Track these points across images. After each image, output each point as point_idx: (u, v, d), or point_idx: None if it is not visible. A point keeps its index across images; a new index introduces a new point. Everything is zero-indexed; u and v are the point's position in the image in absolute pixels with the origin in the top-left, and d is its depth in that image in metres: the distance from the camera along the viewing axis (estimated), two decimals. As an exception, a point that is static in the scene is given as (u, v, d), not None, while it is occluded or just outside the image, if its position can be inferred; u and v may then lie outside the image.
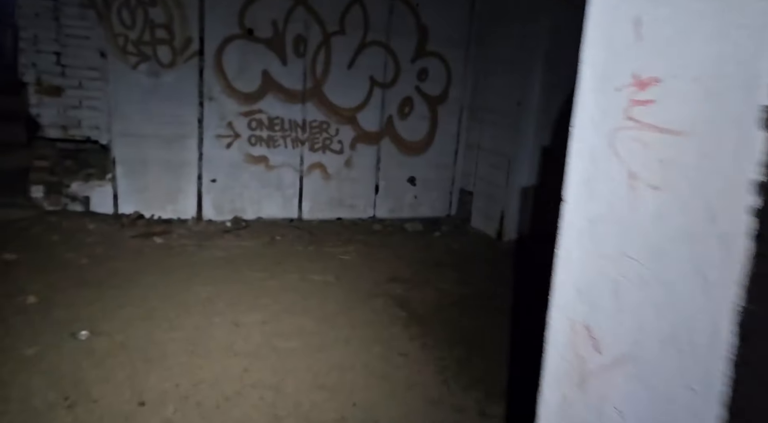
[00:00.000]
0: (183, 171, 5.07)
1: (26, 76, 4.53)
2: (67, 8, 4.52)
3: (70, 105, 4.67)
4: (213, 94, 5.02)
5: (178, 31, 4.83)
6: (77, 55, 4.61)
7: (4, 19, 7.92)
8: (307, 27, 5.15)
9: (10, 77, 5.97)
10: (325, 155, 5.48)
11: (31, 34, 4.47)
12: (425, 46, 5.53)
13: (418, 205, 5.89)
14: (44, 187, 4.70)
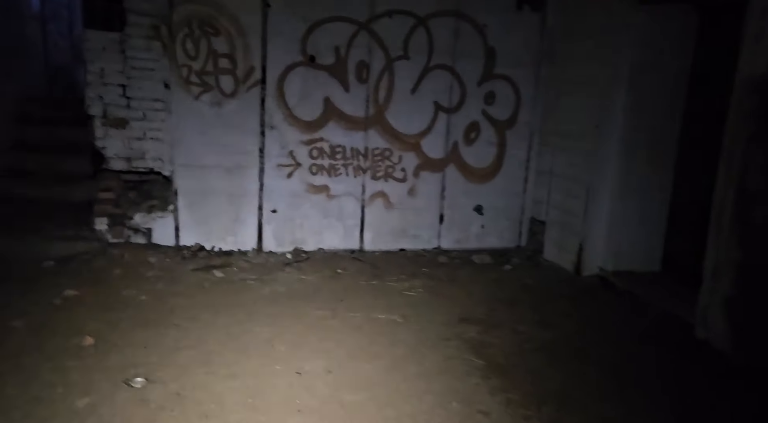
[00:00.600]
0: (243, 201, 4.95)
1: (93, 109, 4.55)
2: (133, 41, 4.53)
3: (134, 137, 4.66)
4: (274, 122, 4.90)
5: (241, 60, 4.76)
6: (142, 86, 4.61)
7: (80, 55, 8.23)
8: (370, 52, 4.98)
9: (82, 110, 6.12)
10: (388, 184, 5.24)
11: (98, 68, 4.50)
12: (492, 68, 5.24)
13: (486, 236, 5.54)
14: (108, 219, 4.68)
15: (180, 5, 4.56)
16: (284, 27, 4.77)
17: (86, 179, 5.32)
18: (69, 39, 7.91)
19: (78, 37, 8.17)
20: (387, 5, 4.92)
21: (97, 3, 4.44)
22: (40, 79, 6.84)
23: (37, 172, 5.51)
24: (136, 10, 4.48)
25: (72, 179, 5.45)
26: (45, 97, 6.61)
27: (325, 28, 4.85)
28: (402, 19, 4.97)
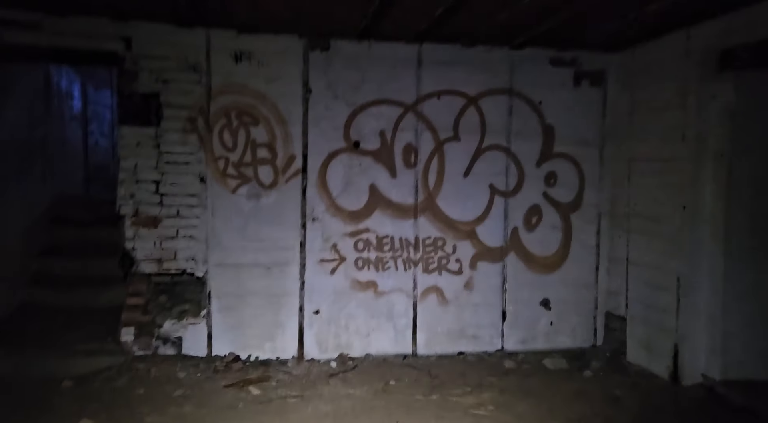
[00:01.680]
0: (283, 302, 4.45)
1: (124, 208, 4.24)
2: (169, 134, 4.29)
3: (166, 236, 4.30)
4: (316, 214, 4.50)
5: (281, 149, 4.45)
6: (176, 182, 4.31)
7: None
8: (417, 135, 4.62)
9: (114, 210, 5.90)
10: (442, 277, 4.69)
11: (132, 164, 4.24)
12: (552, 146, 4.79)
13: (555, 334, 4.84)
14: (135, 328, 4.21)
15: (218, 96, 4.34)
16: (326, 112, 4.49)
17: (115, 282, 4.96)
18: (110, 139, 7.94)
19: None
20: (435, 86, 4.61)
21: (134, 98, 4.25)
22: (78, 178, 6.74)
23: (64, 277, 5.18)
24: (173, 104, 4.27)
25: (101, 283, 5.09)
26: (80, 197, 6.45)
27: (369, 111, 4.54)
28: (451, 99, 4.64)
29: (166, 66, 4.25)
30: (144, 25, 4.17)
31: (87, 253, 5.41)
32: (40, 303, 4.93)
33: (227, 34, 4.30)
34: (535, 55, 4.72)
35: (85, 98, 6.93)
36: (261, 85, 4.40)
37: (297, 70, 4.45)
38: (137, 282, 4.31)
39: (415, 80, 4.60)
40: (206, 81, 4.32)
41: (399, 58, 4.57)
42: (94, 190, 7.25)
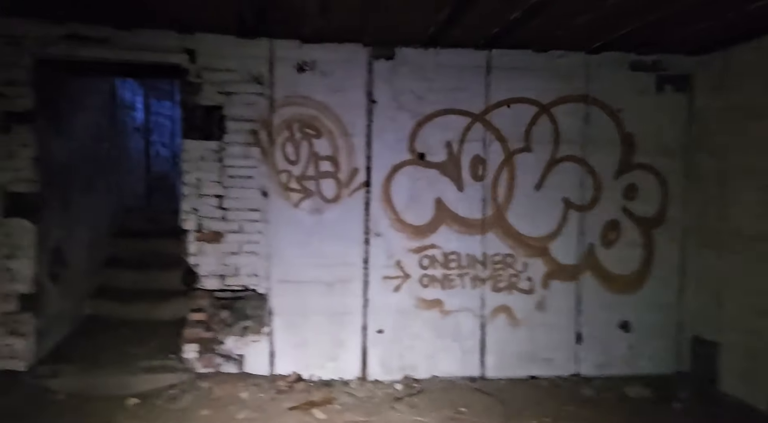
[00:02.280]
0: (345, 321, 4.30)
1: (187, 223, 4.18)
2: (232, 148, 4.21)
3: (229, 251, 4.22)
4: (380, 229, 4.32)
5: (344, 162, 4.30)
6: (239, 196, 4.22)
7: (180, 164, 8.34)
8: (486, 146, 4.38)
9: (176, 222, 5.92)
10: (512, 296, 4.42)
11: (195, 179, 4.19)
12: (632, 157, 4.46)
13: (636, 359, 4.48)
14: (198, 345, 4.15)
15: (281, 108, 4.23)
16: (391, 124, 4.31)
17: (177, 295, 4.94)
18: (171, 148, 8.05)
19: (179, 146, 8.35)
20: (505, 94, 4.36)
21: (197, 112, 4.20)
22: (140, 189, 6.83)
23: (128, 289, 5.22)
24: (236, 117, 4.19)
25: (162, 296, 5.10)
26: (142, 209, 6.53)
27: (435, 122, 4.34)
28: (522, 108, 4.38)
29: (229, 78, 4.18)
30: (208, 38, 4.11)
31: (149, 266, 5.44)
32: (105, 315, 4.97)
33: (291, 44, 4.20)
34: (614, 59, 4.40)
35: (148, 109, 7.03)
36: (324, 96, 4.27)
37: (361, 79, 4.30)
38: (199, 297, 4.25)
39: (483, 88, 4.37)
40: (269, 93, 4.22)
41: (466, 65, 4.35)
42: (155, 200, 7.35)
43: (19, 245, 3.96)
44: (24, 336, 3.95)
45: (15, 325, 3.94)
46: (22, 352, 3.94)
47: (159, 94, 7.56)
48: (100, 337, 4.59)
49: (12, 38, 3.89)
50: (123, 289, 5.23)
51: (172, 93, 8.05)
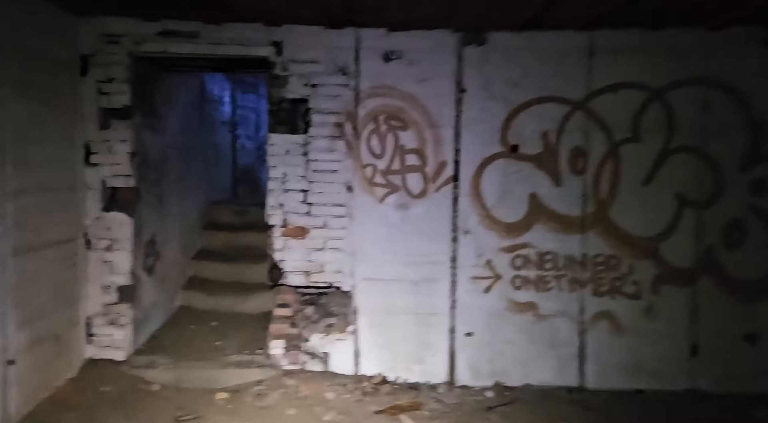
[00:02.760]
0: (432, 322, 4.10)
1: (273, 218, 4.15)
2: (317, 142, 4.12)
3: (314, 247, 4.14)
4: (469, 226, 4.08)
5: (431, 155, 4.09)
6: (323, 191, 4.13)
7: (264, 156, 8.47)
8: (587, 136, 4.00)
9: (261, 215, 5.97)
10: (615, 301, 4.04)
11: (281, 173, 4.14)
12: (760, 148, 3.91)
13: (763, 376, 3.96)
14: (284, 341, 4.12)
15: (366, 99, 4.08)
16: (481, 114, 4.04)
17: (262, 289, 4.97)
18: (255, 141, 8.18)
19: (264, 138, 8.48)
20: (610, 78, 3.96)
21: (283, 105, 4.14)
22: (227, 182, 6.97)
23: (215, 281, 5.31)
24: (322, 109, 4.09)
25: (249, 289, 5.14)
26: (229, 201, 6.65)
27: (530, 111, 4.02)
28: (630, 93, 3.95)
29: (314, 70, 4.08)
30: (294, 29, 4.03)
31: (236, 259, 5.51)
32: (195, 307, 5.09)
33: (377, 33, 4.03)
34: (740, 35, 3.86)
35: (234, 103, 7.15)
36: (411, 86, 4.07)
37: (449, 68, 4.06)
38: (284, 293, 4.21)
39: (585, 73, 3.99)
40: (354, 84, 4.08)
41: (566, 48, 3.98)
42: (241, 192, 7.50)
43: (117, 238, 4.09)
44: (122, 326, 4.09)
45: (114, 316, 4.08)
46: (121, 341, 4.08)
47: (245, 88, 7.68)
48: (191, 328, 4.69)
49: (112, 37, 3.99)
50: (211, 281, 5.34)
51: (257, 86, 8.16)
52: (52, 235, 3.61)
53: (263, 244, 5.54)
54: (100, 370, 3.94)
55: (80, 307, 3.97)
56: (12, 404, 3.21)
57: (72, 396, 3.64)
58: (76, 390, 3.70)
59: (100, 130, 4.05)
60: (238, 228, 5.88)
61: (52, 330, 3.62)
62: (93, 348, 4.08)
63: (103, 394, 3.71)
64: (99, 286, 4.08)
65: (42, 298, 3.49)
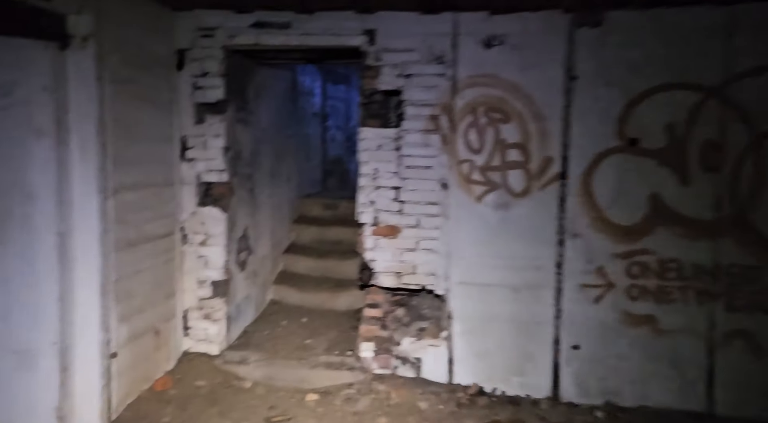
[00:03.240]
0: (534, 332, 3.77)
1: (364, 216, 3.98)
2: (410, 136, 3.88)
3: (405, 247, 3.93)
4: (577, 228, 3.69)
5: (535, 150, 3.73)
6: (416, 188, 3.89)
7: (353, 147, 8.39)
8: (722, 127, 3.46)
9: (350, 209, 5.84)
10: (754, 318, 3.49)
11: (372, 169, 3.95)
12: None
13: None
14: (374, 344, 3.96)
15: (464, 89, 3.78)
16: (595, 104, 3.61)
17: (352, 286, 4.87)
18: (345, 131, 8.10)
19: (354, 128, 8.39)
20: (755, 60, 3.39)
21: (375, 97, 3.94)
22: (317, 175, 6.93)
23: (305, 276, 5.27)
24: (416, 101, 3.85)
25: (339, 286, 5.05)
26: (319, 194, 6.59)
27: (653, 99, 3.53)
28: (780, 76, 3.37)
29: (409, 59, 3.83)
30: (388, 16, 3.80)
31: (326, 254, 5.44)
32: (285, 302, 5.07)
33: (477, 16, 3.70)
34: None
35: (324, 94, 7.08)
36: (514, 74, 3.72)
37: (558, 53, 3.65)
38: (374, 292, 4.05)
39: (722, 54, 3.44)
40: (451, 73, 3.79)
41: (700, 26, 3.45)
42: (330, 184, 7.44)
43: (212, 233, 4.11)
44: (216, 321, 4.11)
45: (209, 311, 4.11)
46: (215, 336, 4.11)
47: (335, 79, 7.59)
48: (282, 324, 4.67)
49: (207, 30, 3.97)
50: (301, 276, 5.30)
51: (347, 77, 8.06)
52: (151, 230, 3.66)
53: (352, 239, 5.44)
54: (195, 363, 3.99)
55: (177, 300, 4.03)
56: (114, 396, 3.29)
57: (169, 389, 3.70)
58: (173, 383, 3.76)
59: (194, 125, 4.06)
60: (328, 222, 5.80)
61: (151, 323, 3.68)
62: (189, 341, 4.14)
63: (198, 388, 3.74)
64: (194, 280, 4.12)
65: (142, 293, 3.55)
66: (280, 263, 5.41)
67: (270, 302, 5.10)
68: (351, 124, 8.35)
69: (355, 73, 8.36)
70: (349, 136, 8.28)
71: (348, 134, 8.25)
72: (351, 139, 8.35)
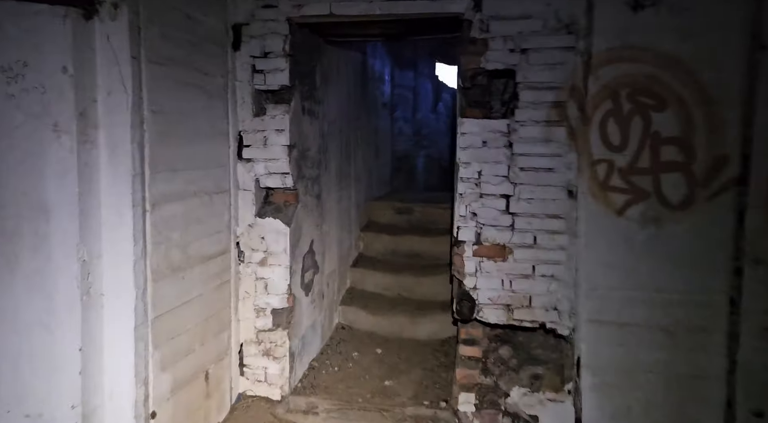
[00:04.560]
0: (696, 390, 2.82)
1: (462, 232, 3.12)
2: (526, 129, 3.00)
3: (518, 273, 3.05)
4: (762, 252, 2.70)
5: (701, 146, 2.76)
6: (534, 196, 3.01)
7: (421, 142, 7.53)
8: None
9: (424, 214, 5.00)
10: None
11: (474, 172, 3.08)
12: None
13: None
14: (475, 394, 3.11)
15: (601, 67, 2.85)
16: (795, 83, 2.62)
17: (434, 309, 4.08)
18: (412, 124, 7.25)
19: (421, 121, 7.53)
20: None
21: (479, 80, 3.07)
22: (386, 172, 6.11)
23: (377, 296, 4.47)
24: (534, 84, 2.96)
25: (418, 308, 4.24)
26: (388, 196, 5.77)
27: None
28: None
29: (526, 28, 2.94)
30: (500, -27, 2.92)
31: (400, 269, 4.62)
32: (355, 327, 4.30)
33: (625, -33, 2.77)
34: None
35: (393, 82, 6.24)
36: (673, 44, 2.76)
37: (737, 13, 2.67)
38: (470, 325, 3.20)
39: None
40: (584, 46, 2.87)
41: None
42: (398, 183, 6.62)
43: (273, 250, 3.35)
44: (278, 359, 3.36)
45: (269, 346, 3.37)
46: (277, 376, 3.36)
47: (402, 64, 6.74)
48: (353, 356, 3.88)
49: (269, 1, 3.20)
50: (372, 295, 4.51)
51: (414, 62, 7.20)
52: (200, 250, 2.93)
53: (431, 250, 4.62)
54: (253, 411, 3.26)
55: (232, 334, 3.29)
56: (154, 464, 2.58)
57: (222, 447, 2.98)
58: (226, 439, 3.04)
59: (253, 118, 3.31)
60: (402, 230, 4.98)
61: (201, 365, 2.96)
62: (245, 382, 3.41)
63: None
64: (252, 308, 3.38)
65: (189, 329, 2.83)
66: (348, 279, 4.63)
67: (337, 327, 4.32)
68: (418, 116, 7.50)
69: (423, 58, 7.49)
70: (417, 129, 7.43)
71: (416, 127, 7.41)
72: (419, 133, 7.50)
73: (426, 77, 7.76)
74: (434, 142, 8.06)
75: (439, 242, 4.65)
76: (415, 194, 5.79)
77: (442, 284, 4.21)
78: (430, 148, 7.94)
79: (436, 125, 8.24)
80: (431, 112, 8.03)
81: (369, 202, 5.25)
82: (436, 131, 8.18)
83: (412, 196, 5.65)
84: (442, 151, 8.62)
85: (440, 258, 4.60)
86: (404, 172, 6.95)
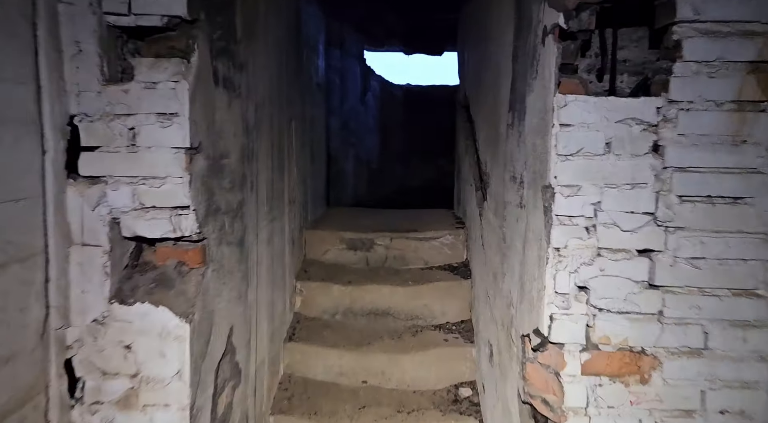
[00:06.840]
0: None
1: (559, 328, 1.53)
2: (694, 117, 1.50)
3: (672, 408, 1.53)
4: None
5: None
6: (706, 253, 1.52)
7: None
8: None
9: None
10: None
11: (580, 205, 1.53)
12: None
13: None
14: None
15: None
16: None
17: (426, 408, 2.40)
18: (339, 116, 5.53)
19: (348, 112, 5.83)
20: None
21: (582, 18, 1.51)
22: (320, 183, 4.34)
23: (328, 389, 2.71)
24: (714, 26, 1.46)
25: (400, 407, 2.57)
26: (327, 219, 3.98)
27: None
28: None
29: None
30: None
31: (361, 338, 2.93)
32: None
33: None
34: None
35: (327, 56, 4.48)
36: None
37: None
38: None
39: None
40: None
41: None
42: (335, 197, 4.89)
43: (151, 375, 1.55)
44: None
45: None
46: None
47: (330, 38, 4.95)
48: None
49: None
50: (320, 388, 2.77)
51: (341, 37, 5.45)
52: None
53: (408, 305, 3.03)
54: None
55: None
56: None
57: None
58: None
59: (105, 87, 1.48)
60: (359, 275, 3.28)
61: None
62: None
63: None
64: None
65: None
66: (281, 365, 2.86)
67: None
68: (346, 106, 5.81)
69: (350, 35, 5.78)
70: (344, 122, 5.73)
71: (343, 119, 5.70)
72: (347, 127, 5.82)
73: (354, 58, 6.11)
74: (361, 139, 6.45)
75: (419, 292, 3.06)
76: (368, 216, 4.10)
77: (437, 364, 2.63)
78: (358, 146, 6.32)
79: (365, 119, 6.62)
80: (359, 103, 6.39)
81: (306, 231, 3.48)
82: (364, 126, 6.57)
83: (365, 220, 3.92)
84: (371, 152, 7.04)
85: (422, 317, 3.02)
86: (334, 180, 5.23)
